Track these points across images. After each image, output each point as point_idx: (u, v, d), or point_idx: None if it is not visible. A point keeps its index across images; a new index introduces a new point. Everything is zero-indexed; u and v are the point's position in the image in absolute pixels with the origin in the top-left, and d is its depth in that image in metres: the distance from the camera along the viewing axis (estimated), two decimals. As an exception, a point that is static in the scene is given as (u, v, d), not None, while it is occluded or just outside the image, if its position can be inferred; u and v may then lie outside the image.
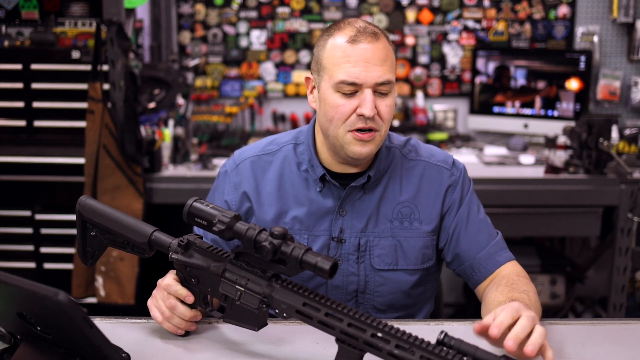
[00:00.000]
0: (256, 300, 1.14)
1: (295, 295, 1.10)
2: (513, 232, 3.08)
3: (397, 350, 0.97)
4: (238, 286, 1.16)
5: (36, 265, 2.87)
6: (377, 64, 1.36)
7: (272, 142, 1.56)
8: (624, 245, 2.82)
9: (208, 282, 1.21)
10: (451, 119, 3.56)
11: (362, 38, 1.37)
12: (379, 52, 1.37)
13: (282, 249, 1.08)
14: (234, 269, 1.17)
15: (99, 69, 2.66)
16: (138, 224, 1.27)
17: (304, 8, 3.60)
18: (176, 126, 3.12)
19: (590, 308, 3.36)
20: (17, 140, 2.81)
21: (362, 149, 1.40)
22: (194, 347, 1.26)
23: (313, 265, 1.05)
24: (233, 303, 1.17)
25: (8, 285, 0.97)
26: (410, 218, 1.48)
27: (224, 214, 1.14)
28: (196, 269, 1.22)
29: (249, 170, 1.53)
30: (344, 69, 1.36)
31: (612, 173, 2.86)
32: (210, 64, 3.66)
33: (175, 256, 1.23)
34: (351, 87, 1.36)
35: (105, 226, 1.29)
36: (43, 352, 1.07)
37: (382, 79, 1.37)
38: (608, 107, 3.50)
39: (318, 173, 1.48)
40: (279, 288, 1.12)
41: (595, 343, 1.27)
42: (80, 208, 1.33)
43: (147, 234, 1.25)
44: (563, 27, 3.54)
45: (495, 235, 1.52)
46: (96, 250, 1.34)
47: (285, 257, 1.08)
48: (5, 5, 2.76)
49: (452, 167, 1.53)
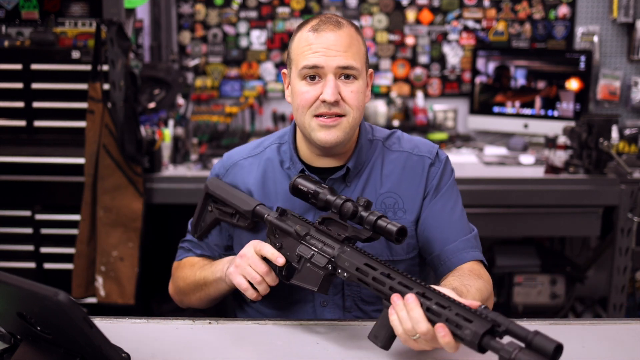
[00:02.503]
0: (325, 260, 1.28)
1: (360, 255, 1.23)
2: (513, 232, 3.08)
3: (435, 306, 1.09)
4: (313, 247, 1.31)
5: (36, 265, 2.86)
6: (340, 50, 1.40)
7: (259, 145, 1.61)
8: (624, 245, 2.82)
9: (289, 245, 1.35)
10: (451, 119, 3.56)
11: (324, 27, 1.42)
12: (341, 38, 1.41)
13: (361, 213, 1.26)
14: (315, 233, 1.33)
15: (99, 69, 2.66)
16: (246, 198, 1.51)
17: (304, 8, 3.60)
18: (176, 126, 3.12)
19: (590, 308, 3.36)
20: (17, 140, 2.81)
21: (327, 135, 1.42)
22: (194, 347, 1.26)
23: (383, 229, 1.23)
24: (304, 264, 1.31)
25: (8, 285, 0.97)
26: (394, 208, 1.50)
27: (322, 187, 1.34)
28: (283, 232, 1.37)
29: (237, 174, 1.57)
30: (307, 56, 1.41)
31: (612, 173, 2.86)
32: (210, 64, 3.66)
33: (270, 218, 1.40)
34: (313, 70, 1.40)
35: (222, 197, 1.53)
36: (43, 352, 1.07)
37: (344, 63, 1.40)
38: (608, 107, 3.50)
39: (298, 168, 1.51)
40: (348, 251, 1.26)
41: (595, 343, 1.27)
42: (208, 183, 1.58)
43: (252, 205, 1.47)
44: (563, 27, 3.54)
45: (469, 232, 1.50)
46: (207, 225, 1.58)
47: (362, 221, 1.26)
48: (5, 5, 2.76)
49: (434, 157, 1.54)
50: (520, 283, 3.09)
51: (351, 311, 1.50)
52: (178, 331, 1.34)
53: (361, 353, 1.23)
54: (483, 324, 1.02)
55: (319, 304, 1.49)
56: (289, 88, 1.51)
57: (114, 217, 2.69)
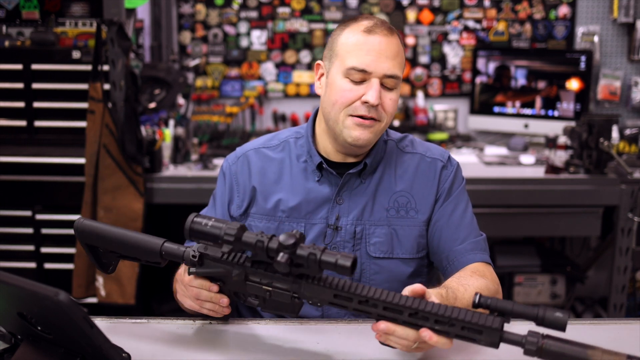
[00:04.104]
0: (287, 296, 1.14)
1: (323, 289, 1.10)
2: (513, 232, 3.08)
3: (437, 326, 1.04)
4: (265, 286, 1.16)
5: (37, 265, 2.87)
6: (389, 57, 1.41)
7: (274, 137, 1.61)
8: (624, 245, 2.82)
9: (234, 285, 1.20)
10: (451, 119, 3.56)
11: (377, 30, 1.42)
12: (392, 46, 1.42)
13: (298, 253, 1.07)
14: (255, 272, 1.17)
15: (100, 69, 2.66)
16: (145, 241, 1.22)
17: (304, 8, 3.60)
18: (177, 126, 3.12)
19: (590, 308, 3.36)
20: (18, 140, 2.81)
21: (361, 134, 1.43)
22: (194, 347, 1.26)
23: (333, 264, 1.06)
24: (265, 299, 1.18)
25: (9, 285, 0.97)
26: (406, 207, 1.51)
27: (228, 227, 1.12)
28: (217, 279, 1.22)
29: (250, 161, 1.57)
30: (356, 56, 1.41)
31: (613, 173, 2.86)
32: (211, 64, 3.66)
33: (194, 270, 1.23)
34: (360, 74, 1.41)
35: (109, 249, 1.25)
36: (43, 352, 1.07)
37: (391, 72, 1.41)
38: (608, 107, 3.50)
39: (315, 161, 1.51)
40: (305, 284, 1.12)
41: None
42: (78, 234, 1.25)
43: (157, 249, 1.21)
44: (563, 27, 3.54)
45: (478, 235, 1.53)
46: (112, 261, 1.30)
47: (303, 262, 1.08)
48: (6, 5, 2.76)
49: (447, 161, 1.56)
50: (521, 283, 3.09)
51: None
52: (178, 331, 1.34)
53: (361, 353, 1.23)
54: (493, 330, 1.01)
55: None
56: (322, 80, 1.51)
57: (114, 217, 2.69)
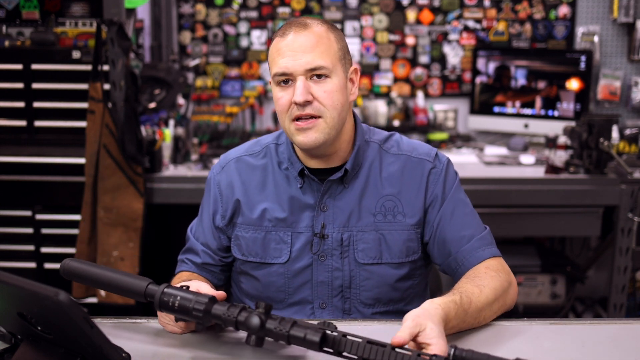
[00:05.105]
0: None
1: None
2: (513, 232, 3.08)
3: None
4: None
5: (37, 265, 2.86)
6: (306, 51, 1.39)
7: (256, 144, 1.59)
8: (624, 245, 2.82)
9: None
10: (451, 119, 3.56)
11: (290, 30, 1.41)
12: (307, 39, 1.40)
13: (267, 327, 1.10)
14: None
15: (100, 69, 2.66)
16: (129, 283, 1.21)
17: (304, 8, 3.60)
18: (177, 126, 3.12)
19: (590, 308, 3.36)
20: (18, 140, 2.81)
21: (305, 137, 1.41)
22: (194, 347, 1.26)
23: (302, 339, 1.07)
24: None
25: (9, 285, 0.97)
26: (393, 211, 1.49)
27: (198, 299, 1.14)
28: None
29: (234, 170, 1.56)
30: (276, 62, 1.41)
31: (613, 173, 2.86)
32: (211, 64, 3.66)
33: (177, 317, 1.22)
34: (283, 77, 1.40)
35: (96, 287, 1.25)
36: (43, 352, 1.07)
37: (313, 64, 1.39)
38: (608, 107, 3.50)
39: (297, 168, 1.49)
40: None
41: (595, 343, 1.27)
42: (65, 275, 1.27)
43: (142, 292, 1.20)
44: (563, 27, 3.54)
45: (482, 230, 1.50)
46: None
47: (272, 335, 1.10)
48: (6, 5, 2.76)
49: (434, 160, 1.53)
50: (521, 283, 3.09)
51: (350, 313, 1.50)
52: (178, 331, 1.34)
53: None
54: None
55: (318, 306, 1.49)
56: None
57: (114, 217, 2.69)
